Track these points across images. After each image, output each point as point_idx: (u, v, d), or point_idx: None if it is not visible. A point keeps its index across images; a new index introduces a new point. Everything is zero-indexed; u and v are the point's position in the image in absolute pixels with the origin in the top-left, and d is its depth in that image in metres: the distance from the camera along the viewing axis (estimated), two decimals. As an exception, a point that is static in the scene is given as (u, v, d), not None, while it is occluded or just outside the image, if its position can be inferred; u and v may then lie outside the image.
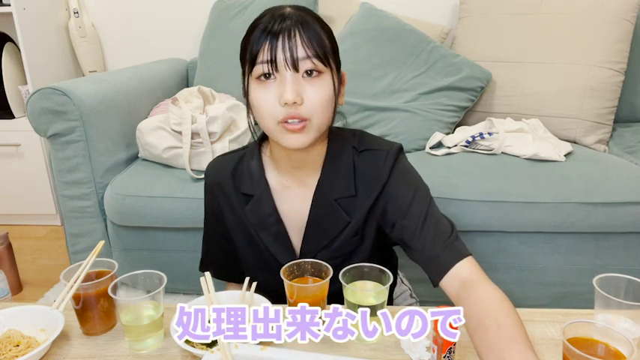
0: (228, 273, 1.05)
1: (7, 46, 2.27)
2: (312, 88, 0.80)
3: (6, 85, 2.24)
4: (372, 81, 1.81)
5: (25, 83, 2.23)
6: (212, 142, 1.55)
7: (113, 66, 2.52)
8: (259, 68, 0.79)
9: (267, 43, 0.78)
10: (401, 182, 0.91)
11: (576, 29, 1.79)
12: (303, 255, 0.95)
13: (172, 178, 1.55)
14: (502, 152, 1.61)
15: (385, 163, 0.90)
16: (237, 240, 0.99)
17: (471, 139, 1.66)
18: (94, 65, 2.44)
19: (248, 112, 0.87)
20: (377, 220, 0.94)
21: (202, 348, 0.77)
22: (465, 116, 1.90)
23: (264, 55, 0.78)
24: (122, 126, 1.68)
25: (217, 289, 0.89)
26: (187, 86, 2.21)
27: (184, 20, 2.39)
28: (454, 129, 1.83)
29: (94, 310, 0.82)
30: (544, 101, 1.80)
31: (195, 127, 1.53)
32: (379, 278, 0.82)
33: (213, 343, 0.77)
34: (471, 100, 1.85)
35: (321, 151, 0.92)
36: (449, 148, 1.68)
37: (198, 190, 1.50)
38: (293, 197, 0.94)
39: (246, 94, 0.86)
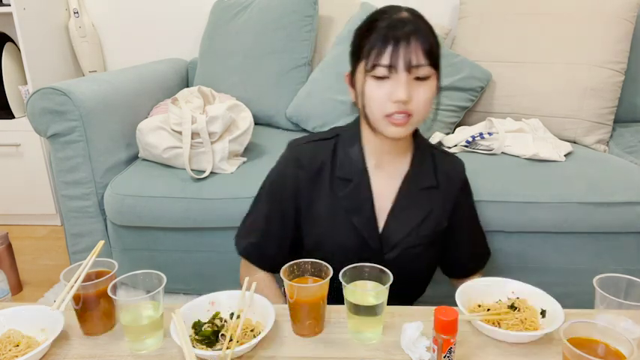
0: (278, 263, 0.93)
1: (7, 46, 2.27)
2: (421, 89, 0.91)
3: (6, 85, 2.24)
4: (372, 81, 1.81)
5: (25, 83, 2.23)
6: (212, 142, 1.55)
7: (113, 66, 2.52)
8: (380, 70, 0.89)
9: (390, 48, 0.87)
10: (468, 198, 1.11)
11: (576, 29, 1.79)
12: (384, 240, 1.01)
13: (172, 178, 1.55)
14: (502, 152, 1.61)
15: (463, 172, 1.09)
16: (322, 223, 1.03)
17: (470, 139, 1.66)
18: (94, 65, 2.44)
19: (356, 99, 0.97)
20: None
21: (202, 348, 0.77)
22: (465, 116, 1.90)
23: (385, 59, 0.88)
24: (122, 126, 1.68)
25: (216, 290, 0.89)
26: (187, 86, 2.21)
27: (184, 20, 2.39)
28: (454, 129, 1.83)
29: (94, 311, 0.82)
30: (544, 101, 1.79)
31: (195, 127, 1.53)
32: (379, 278, 0.82)
33: (213, 343, 0.77)
34: (471, 100, 1.85)
35: (408, 140, 1.03)
36: (449, 148, 1.68)
37: (199, 190, 1.50)
38: (382, 180, 1.03)
39: (352, 84, 0.98)
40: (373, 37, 0.89)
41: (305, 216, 1.04)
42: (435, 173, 1.04)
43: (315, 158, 1.02)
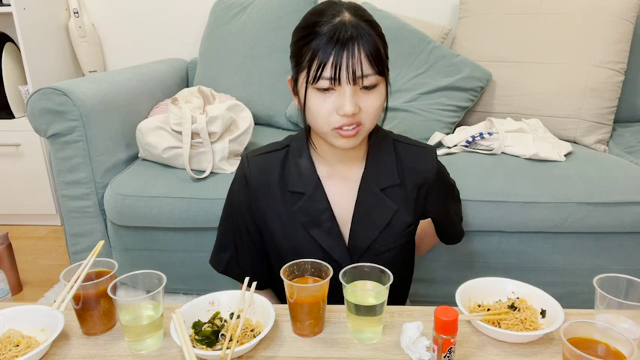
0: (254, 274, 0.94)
1: (7, 46, 2.27)
2: (369, 98, 0.85)
3: (6, 85, 2.24)
4: (372, 81, 1.81)
5: (25, 83, 2.23)
6: (212, 142, 1.55)
7: (113, 66, 2.52)
8: (323, 83, 0.82)
9: (332, 58, 0.80)
10: (442, 186, 1.04)
11: (576, 29, 1.79)
12: (352, 248, 0.96)
13: (172, 178, 1.55)
14: (502, 152, 1.61)
15: (432, 162, 0.99)
16: (280, 241, 0.98)
17: (470, 139, 1.66)
18: (94, 65, 2.44)
19: (304, 112, 0.89)
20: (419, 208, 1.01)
21: (202, 348, 0.77)
22: (465, 116, 1.90)
23: (327, 71, 0.81)
24: (122, 126, 1.68)
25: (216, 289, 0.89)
26: (187, 86, 2.21)
27: (184, 20, 2.39)
28: (454, 129, 1.83)
29: (94, 310, 0.82)
30: (544, 101, 1.79)
31: (195, 127, 1.53)
32: (379, 278, 0.82)
33: (213, 343, 0.77)
34: (471, 100, 1.85)
35: (362, 143, 0.95)
36: (449, 148, 1.68)
37: (199, 190, 1.50)
38: (338, 188, 0.97)
39: (295, 91, 0.91)
40: (314, 44, 0.82)
41: (264, 230, 1.00)
42: (399, 169, 0.97)
43: (262, 173, 0.97)
